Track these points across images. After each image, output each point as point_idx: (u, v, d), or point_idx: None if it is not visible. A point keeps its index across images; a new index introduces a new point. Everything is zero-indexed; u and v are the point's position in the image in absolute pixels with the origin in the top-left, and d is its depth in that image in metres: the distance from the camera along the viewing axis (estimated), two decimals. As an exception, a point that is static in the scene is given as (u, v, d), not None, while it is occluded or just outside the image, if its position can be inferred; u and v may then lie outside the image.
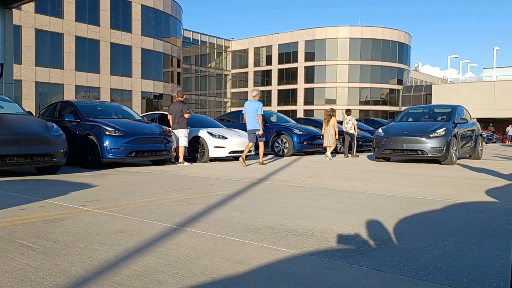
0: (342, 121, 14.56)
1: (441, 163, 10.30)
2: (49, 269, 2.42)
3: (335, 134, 12.65)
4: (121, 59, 35.81)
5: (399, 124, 11.39)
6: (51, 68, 31.53)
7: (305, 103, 59.11)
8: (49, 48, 31.54)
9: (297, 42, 59.19)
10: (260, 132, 9.77)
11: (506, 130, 40.24)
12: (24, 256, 2.66)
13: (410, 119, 11.93)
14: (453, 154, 10.10)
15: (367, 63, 56.67)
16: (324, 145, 12.90)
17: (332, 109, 13.22)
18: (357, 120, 20.56)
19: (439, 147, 9.80)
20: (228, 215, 3.96)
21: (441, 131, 9.95)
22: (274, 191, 5.54)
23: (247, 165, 9.68)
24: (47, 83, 31.40)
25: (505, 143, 37.64)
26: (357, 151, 14.58)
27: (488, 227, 3.55)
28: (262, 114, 9.83)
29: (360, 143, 15.44)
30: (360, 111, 56.16)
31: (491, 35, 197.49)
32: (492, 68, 58.56)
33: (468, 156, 12.32)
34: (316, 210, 4.24)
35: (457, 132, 10.42)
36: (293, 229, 3.43)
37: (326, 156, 12.52)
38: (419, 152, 9.96)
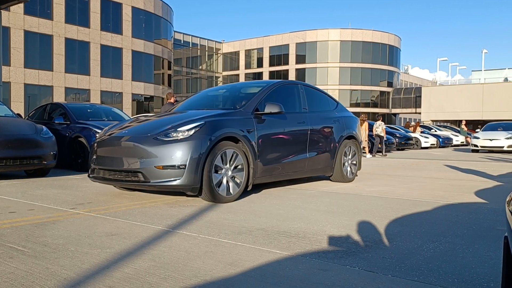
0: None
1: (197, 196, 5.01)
2: (40, 272, 2.39)
3: (366, 137, 14.43)
4: (111, 61, 35.60)
5: (146, 123, 5.43)
6: (40, 70, 31.24)
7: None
8: (38, 50, 31.25)
9: (288, 44, 59.35)
10: None
11: None
12: (14, 259, 2.63)
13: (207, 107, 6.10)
14: (224, 181, 4.82)
15: (357, 65, 56.99)
16: None
17: (365, 115, 15.14)
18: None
19: (175, 165, 4.52)
20: (220, 217, 3.95)
21: (184, 131, 4.70)
22: (266, 193, 5.54)
23: None
24: (36, 85, 31.10)
25: None
26: None
27: (478, 228, 3.59)
28: None
29: None
30: (351, 113, 56.40)
31: (479, 38, 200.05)
32: (481, 70, 59.26)
33: (328, 176, 6.86)
34: (308, 212, 4.25)
35: (253, 132, 5.20)
36: (285, 231, 3.43)
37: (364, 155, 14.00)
38: (131, 176, 4.69)
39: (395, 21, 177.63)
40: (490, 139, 17.63)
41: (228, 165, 4.88)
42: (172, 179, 4.56)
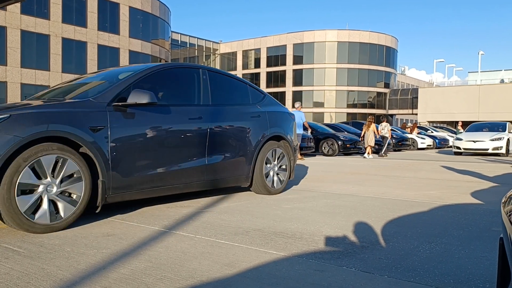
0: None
1: None
2: (35, 273, 2.38)
3: (373, 139, 14.84)
4: (108, 61, 35.54)
5: None
6: (37, 70, 31.16)
7: (294, 106, 59.31)
8: (35, 50, 31.18)
9: (286, 45, 59.40)
10: (309, 132, 14.02)
11: None
12: (9, 260, 2.62)
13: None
14: (45, 201, 3.30)
15: (354, 66, 57.10)
16: (365, 146, 14.95)
17: (372, 117, 15.55)
18: (344, 123, 21.75)
19: None
20: (217, 218, 3.95)
21: None
22: (263, 193, 5.53)
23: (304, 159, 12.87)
24: (33, 85, 31.01)
25: None
26: (345, 154, 15.96)
27: (474, 229, 3.60)
28: (306, 121, 13.44)
29: (347, 145, 15.86)
30: (348, 114, 56.53)
31: (476, 40, 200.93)
32: (477, 72, 59.47)
33: (247, 186, 5.37)
34: (305, 213, 4.25)
35: (104, 130, 3.67)
36: (282, 232, 3.44)
37: (366, 156, 14.59)
38: None
39: (392, 22, 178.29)
40: (474, 141, 16.00)
41: (49, 178, 3.32)
42: None
